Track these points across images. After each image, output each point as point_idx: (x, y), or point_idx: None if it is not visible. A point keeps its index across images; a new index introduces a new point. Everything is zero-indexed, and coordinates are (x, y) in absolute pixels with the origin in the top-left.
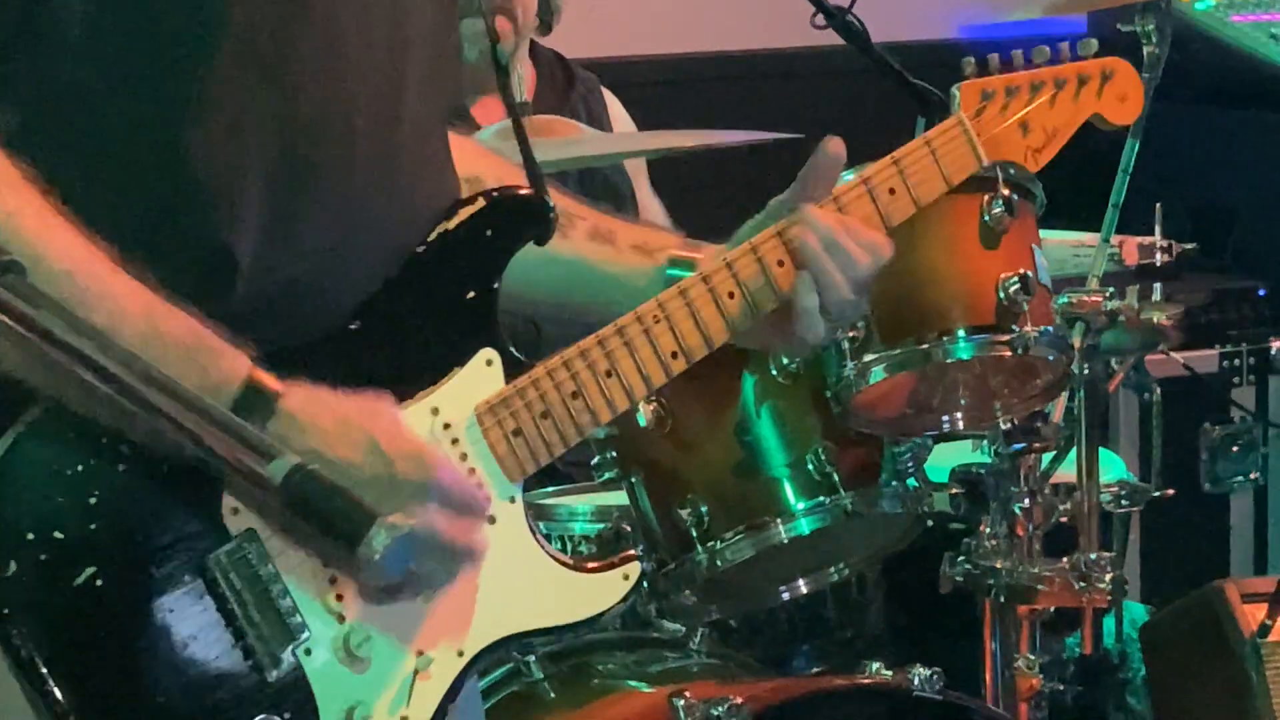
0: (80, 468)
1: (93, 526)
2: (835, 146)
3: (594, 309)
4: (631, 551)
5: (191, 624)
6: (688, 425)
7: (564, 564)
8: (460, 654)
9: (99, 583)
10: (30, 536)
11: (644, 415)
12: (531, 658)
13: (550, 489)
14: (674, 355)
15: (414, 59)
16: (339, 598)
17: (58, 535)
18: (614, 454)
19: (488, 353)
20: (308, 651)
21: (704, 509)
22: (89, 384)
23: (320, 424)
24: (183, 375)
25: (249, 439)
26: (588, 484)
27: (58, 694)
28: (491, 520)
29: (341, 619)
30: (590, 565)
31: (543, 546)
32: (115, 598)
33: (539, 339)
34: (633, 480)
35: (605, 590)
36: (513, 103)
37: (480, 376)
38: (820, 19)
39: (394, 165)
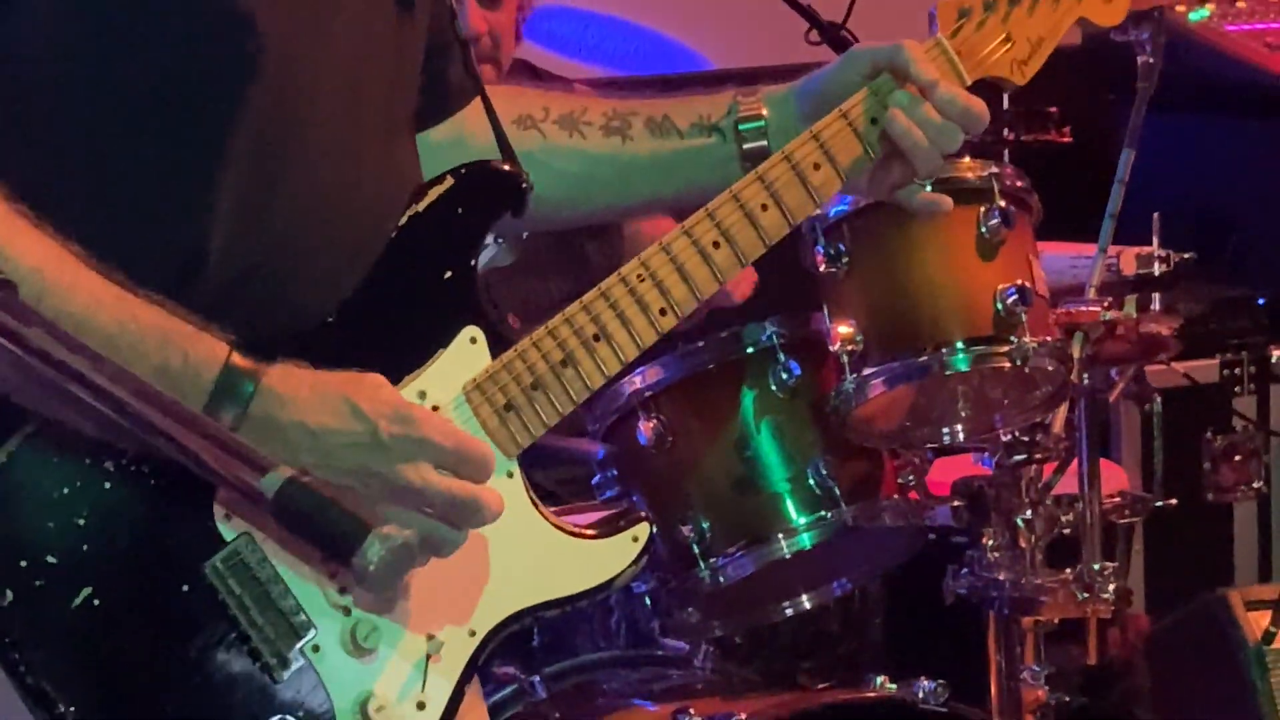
0: (66, 490)
1: (85, 547)
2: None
3: (684, 194)
4: (640, 513)
5: (195, 634)
6: (688, 442)
7: (571, 533)
8: (473, 633)
9: (97, 602)
10: (24, 563)
11: (644, 433)
12: (537, 678)
13: (551, 509)
14: (662, 312)
15: (376, 54)
16: (342, 590)
17: (51, 559)
18: (615, 472)
19: (471, 330)
20: (315, 648)
21: (705, 525)
22: (82, 402)
23: (299, 395)
24: (163, 360)
25: (242, 453)
26: (589, 502)
27: (68, 717)
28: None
29: (347, 612)
30: (595, 531)
31: (546, 517)
32: (115, 616)
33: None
34: (634, 498)
35: (616, 555)
36: (477, 75)
37: (466, 355)
38: (814, 35)
39: (358, 151)
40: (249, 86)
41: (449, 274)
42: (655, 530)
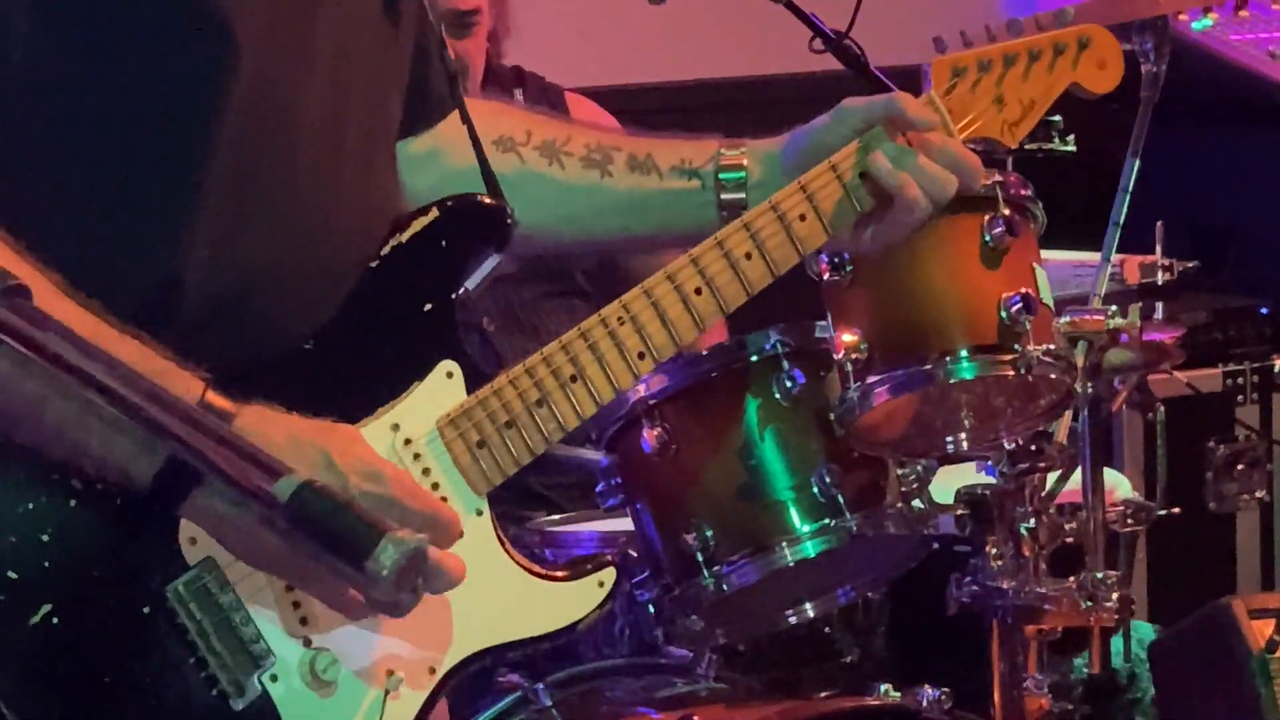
0: (31, 505)
1: (46, 564)
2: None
3: (656, 236)
4: (606, 556)
5: (153, 656)
6: (692, 450)
7: (536, 574)
8: (432, 671)
9: (55, 620)
10: None
11: (648, 441)
12: (540, 685)
13: (555, 516)
14: (641, 356)
15: (358, 75)
16: (303, 621)
17: (11, 575)
18: (618, 480)
19: (448, 365)
20: (273, 678)
21: (709, 533)
22: (92, 403)
23: (275, 441)
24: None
25: (256, 458)
26: (593, 511)
27: None
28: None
29: (307, 643)
30: (564, 573)
31: (513, 557)
32: (73, 635)
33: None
34: (638, 506)
35: (580, 598)
36: (464, 109)
37: (441, 389)
38: (818, 43)
39: (337, 180)
40: (225, 105)
41: (429, 306)
42: (618, 574)
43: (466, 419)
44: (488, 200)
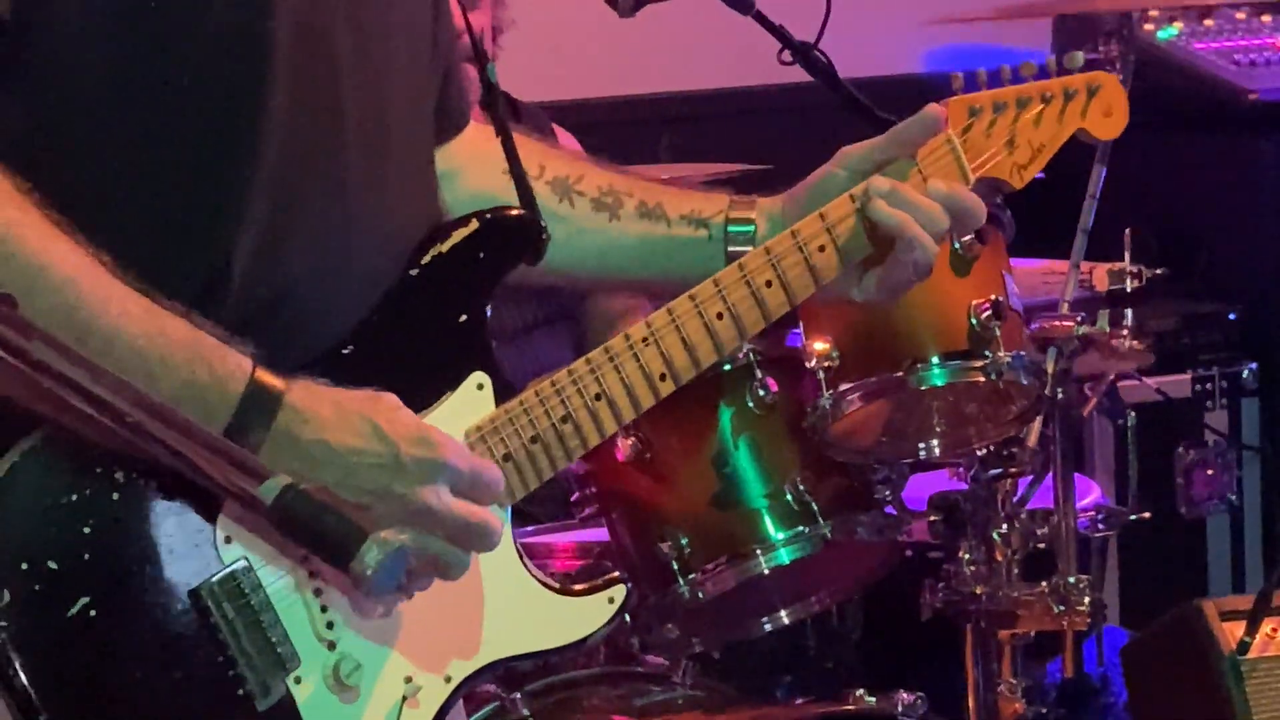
0: (75, 497)
1: (86, 556)
2: (934, 112)
3: (658, 282)
4: (615, 574)
5: (184, 653)
6: (666, 458)
7: (550, 588)
8: (448, 679)
9: (93, 613)
10: (24, 566)
11: (622, 450)
12: (517, 695)
13: (529, 528)
14: (662, 377)
15: (400, 79)
16: (329, 625)
17: (52, 565)
18: (593, 489)
19: (479, 376)
20: (298, 680)
21: (684, 541)
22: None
23: (322, 414)
24: (190, 374)
25: (241, 461)
26: (567, 521)
27: None
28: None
29: (332, 647)
30: (576, 588)
31: (529, 570)
32: (108, 628)
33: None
34: (613, 515)
35: (591, 613)
36: (503, 122)
37: (471, 400)
38: (786, 54)
39: (383, 182)
40: (267, 107)
41: (464, 317)
42: (631, 594)
43: (495, 432)
44: (525, 214)
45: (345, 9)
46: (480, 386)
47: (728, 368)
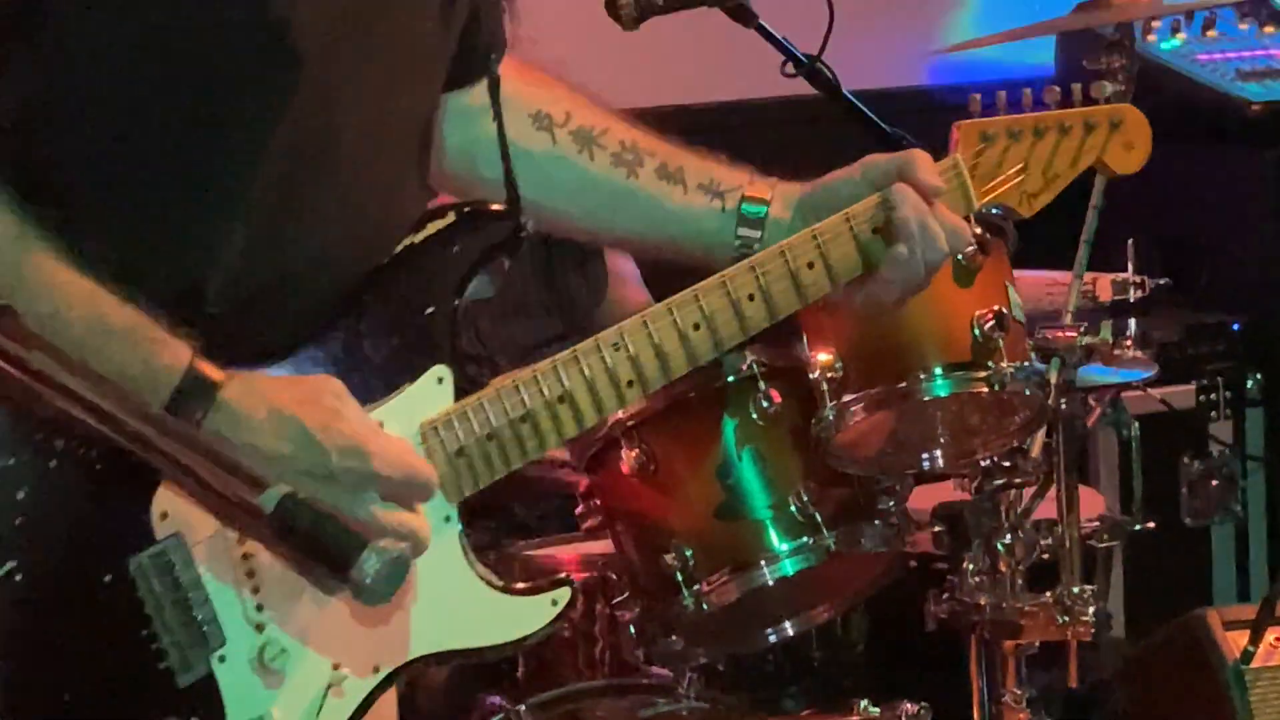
0: (11, 461)
1: (18, 521)
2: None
3: (665, 247)
4: (562, 576)
5: (108, 624)
6: (670, 471)
7: (493, 586)
8: (376, 669)
9: (18, 577)
10: None
11: (627, 463)
12: (522, 707)
13: (536, 540)
14: (629, 384)
15: (405, 90)
16: (259, 608)
17: None
18: (598, 502)
19: (440, 370)
20: (221, 659)
21: (688, 553)
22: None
23: (255, 416)
24: (126, 361)
25: (241, 470)
26: (573, 534)
27: None
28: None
29: (260, 629)
30: (519, 588)
31: (473, 567)
32: (33, 593)
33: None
34: (617, 527)
35: (532, 614)
36: (499, 111)
37: (429, 393)
38: (790, 67)
39: (371, 193)
40: (282, 121)
41: (430, 309)
42: (576, 592)
43: (449, 426)
44: (503, 210)
45: (351, 32)
46: (440, 380)
47: (731, 379)
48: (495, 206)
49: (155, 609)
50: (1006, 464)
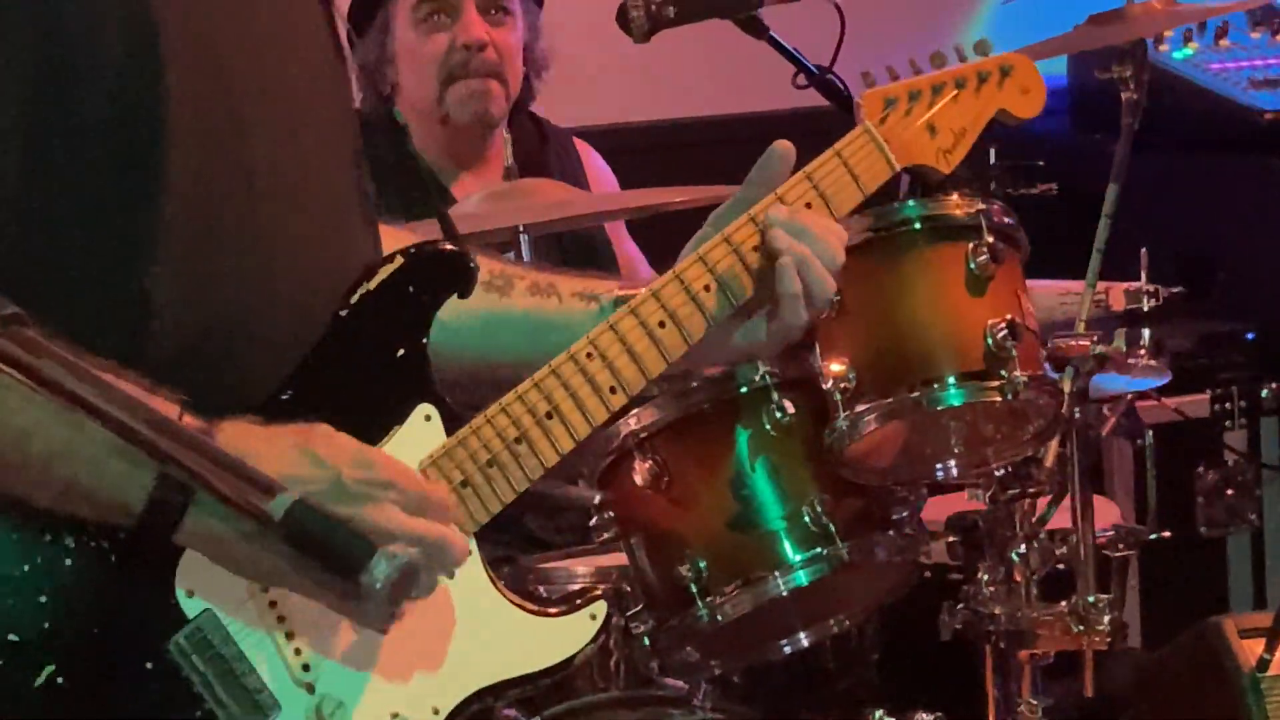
0: (27, 567)
1: (46, 625)
2: (784, 146)
3: (543, 360)
4: (595, 590)
5: (163, 711)
6: (684, 482)
7: (529, 610)
8: (436, 711)
9: (60, 680)
10: None
11: (640, 475)
12: (538, 719)
13: (550, 554)
14: (612, 390)
15: (314, 119)
16: (306, 667)
17: (13, 638)
18: (612, 514)
19: (425, 408)
20: None
21: (703, 565)
22: (79, 432)
23: (256, 449)
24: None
25: (251, 477)
26: (586, 546)
27: None
28: (450, 574)
29: (311, 689)
30: (555, 609)
31: (504, 594)
32: (79, 694)
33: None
34: (631, 540)
35: (574, 632)
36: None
37: (421, 432)
38: (801, 79)
39: (299, 224)
40: (172, 154)
41: (401, 351)
42: (611, 608)
43: (449, 459)
44: (450, 247)
45: (247, 65)
46: (428, 418)
47: (744, 390)
48: (443, 246)
49: (205, 686)
50: (1021, 474)
